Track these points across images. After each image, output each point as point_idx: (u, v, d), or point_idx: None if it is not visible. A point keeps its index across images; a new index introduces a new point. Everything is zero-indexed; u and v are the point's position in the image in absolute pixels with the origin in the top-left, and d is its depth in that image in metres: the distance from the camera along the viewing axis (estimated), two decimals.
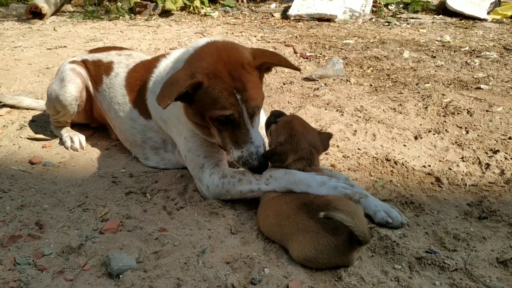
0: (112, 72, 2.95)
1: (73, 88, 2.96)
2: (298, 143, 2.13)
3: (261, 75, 2.25)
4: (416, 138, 3.07)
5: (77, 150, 3.01)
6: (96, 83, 3.02)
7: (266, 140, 2.32)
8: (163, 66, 2.61)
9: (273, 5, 8.49)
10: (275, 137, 2.20)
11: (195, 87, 2.07)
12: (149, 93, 2.64)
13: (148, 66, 2.78)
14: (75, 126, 3.24)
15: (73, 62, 3.10)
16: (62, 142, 3.10)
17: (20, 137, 3.16)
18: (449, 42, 5.80)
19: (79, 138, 3.09)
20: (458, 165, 2.66)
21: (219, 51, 2.14)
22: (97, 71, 3.03)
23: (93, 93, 3.05)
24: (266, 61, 2.20)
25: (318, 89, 4.10)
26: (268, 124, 2.32)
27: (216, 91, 2.06)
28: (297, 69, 2.37)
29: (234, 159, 2.18)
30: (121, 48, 3.30)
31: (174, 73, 2.14)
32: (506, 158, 2.70)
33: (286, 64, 2.26)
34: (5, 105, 3.62)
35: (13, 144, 3.05)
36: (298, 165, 2.13)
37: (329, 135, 2.29)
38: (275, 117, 2.29)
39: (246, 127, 2.12)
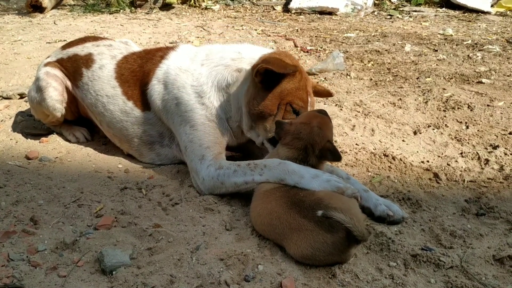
0: (94, 64, 2.87)
1: (53, 92, 2.89)
2: (300, 131, 2.10)
3: None
4: (415, 133, 3.04)
5: (85, 142, 3.05)
6: (75, 79, 2.94)
7: None
8: (179, 57, 2.65)
9: None
10: (297, 119, 2.26)
11: (286, 73, 2.29)
12: (155, 81, 2.62)
13: (147, 57, 2.76)
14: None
15: (47, 64, 3.01)
16: (63, 137, 3.11)
17: (17, 131, 3.15)
18: (451, 35, 5.75)
19: (81, 132, 3.09)
20: (457, 161, 2.64)
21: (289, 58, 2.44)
22: (75, 66, 2.94)
23: (73, 91, 2.98)
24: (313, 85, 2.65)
25: (317, 83, 4.06)
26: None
27: (303, 85, 2.38)
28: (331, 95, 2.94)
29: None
30: (96, 38, 3.17)
31: (280, 58, 2.33)
32: (505, 154, 2.68)
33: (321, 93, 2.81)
34: (3, 99, 3.62)
35: (10, 139, 3.04)
36: (291, 153, 2.11)
37: (335, 154, 2.10)
38: (318, 111, 2.29)
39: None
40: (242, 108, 2.43)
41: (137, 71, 2.74)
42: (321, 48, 5.26)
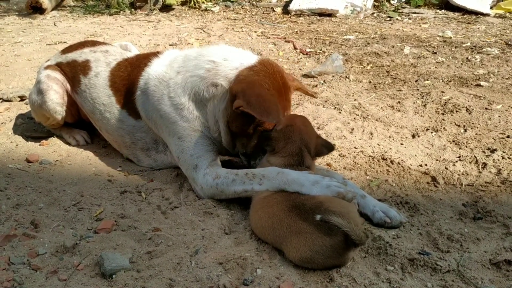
0: (90, 72, 2.86)
1: (54, 95, 2.90)
2: (291, 134, 2.13)
3: None
4: (413, 136, 3.06)
5: (85, 145, 3.06)
6: (74, 85, 2.95)
7: None
8: (159, 66, 2.57)
9: (274, 0, 8.45)
10: (277, 127, 2.22)
11: None
12: (139, 92, 2.59)
13: (135, 64, 2.73)
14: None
15: (47, 67, 3.02)
16: (63, 140, 3.12)
17: (18, 134, 3.17)
18: (450, 37, 5.76)
19: (81, 134, 3.11)
20: (454, 164, 2.65)
21: (273, 67, 2.33)
22: (73, 72, 2.94)
23: (73, 95, 2.99)
24: (296, 88, 2.54)
25: (316, 86, 4.09)
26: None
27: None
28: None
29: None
30: (94, 43, 3.16)
31: (261, 87, 2.19)
32: (503, 158, 2.69)
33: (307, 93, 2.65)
34: (3, 101, 3.63)
35: (11, 142, 3.05)
36: (287, 160, 2.13)
37: (329, 146, 2.22)
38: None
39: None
40: (219, 123, 2.37)
41: (126, 79, 2.71)
42: (321, 50, 5.27)
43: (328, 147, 2.22)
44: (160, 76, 2.51)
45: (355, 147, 2.90)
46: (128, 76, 2.71)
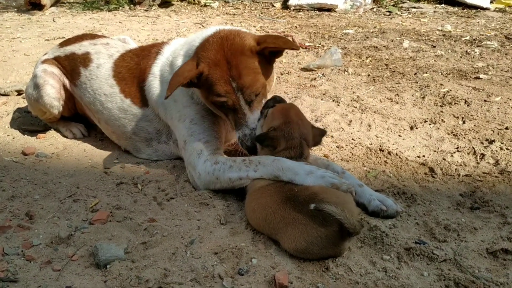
0: (91, 64, 2.89)
1: (50, 90, 2.91)
2: (290, 131, 2.11)
3: (267, 60, 2.33)
4: (411, 128, 3.04)
5: (81, 138, 3.06)
6: (73, 78, 2.96)
7: None
8: (170, 52, 2.64)
9: None
10: (270, 120, 2.18)
11: (198, 76, 2.24)
12: (151, 78, 2.64)
13: (143, 54, 2.77)
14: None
15: (44, 61, 3.03)
16: (60, 134, 3.12)
17: (15, 128, 3.16)
18: (450, 31, 5.74)
19: (78, 128, 3.11)
20: (452, 156, 2.64)
21: (222, 39, 2.27)
22: (72, 65, 2.96)
23: (71, 89, 3.00)
24: (267, 46, 2.26)
25: (315, 79, 4.07)
26: (265, 107, 2.30)
27: (213, 79, 2.23)
28: (296, 48, 2.44)
29: (238, 139, 2.34)
30: (93, 36, 3.18)
31: (183, 64, 2.33)
32: (501, 148, 2.68)
33: (286, 45, 2.34)
34: (1, 95, 3.63)
35: (7, 135, 3.05)
36: (288, 153, 2.11)
37: (323, 132, 2.26)
38: (274, 101, 2.27)
39: (243, 112, 2.27)
40: None
41: (134, 69, 2.75)
42: (320, 44, 5.25)
43: (322, 134, 2.23)
44: (174, 62, 2.55)
45: (352, 139, 2.89)
46: (136, 66, 2.75)
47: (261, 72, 2.28)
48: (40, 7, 7.39)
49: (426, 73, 4.13)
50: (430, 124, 3.07)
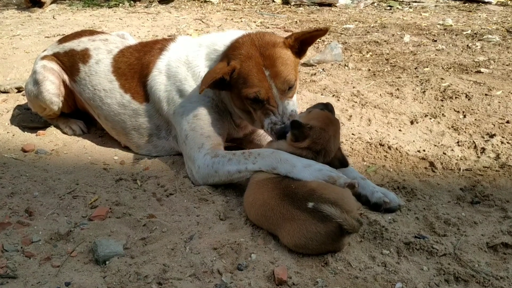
0: (91, 60, 2.89)
1: (50, 86, 2.91)
2: (320, 138, 2.08)
3: (298, 54, 2.38)
4: (412, 122, 3.03)
5: (81, 135, 3.06)
6: (72, 74, 2.95)
7: None
8: (179, 49, 2.64)
9: None
10: (311, 118, 2.15)
11: (231, 73, 2.26)
12: (155, 73, 2.63)
13: (145, 50, 2.77)
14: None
15: (44, 58, 3.02)
16: (60, 130, 3.11)
17: (15, 125, 3.16)
18: (451, 25, 5.71)
19: (78, 124, 3.10)
20: (453, 150, 2.63)
21: (252, 39, 2.31)
22: (72, 61, 2.96)
23: (70, 85, 2.99)
24: (297, 37, 2.32)
25: (315, 74, 4.06)
26: (314, 106, 2.31)
27: (247, 70, 2.24)
28: (324, 30, 2.39)
29: (265, 129, 2.30)
30: (92, 32, 3.17)
31: (216, 65, 2.35)
32: (502, 142, 2.66)
33: (315, 31, 2.36)
34: (1, 93, 3.63)
35: (7, 132, 3.05)
36: (299, 152, 2.10)
37: (343, 162, 2.18)
38: (325, 107, 2.26)
39: (274, 101, 2.25)
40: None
41: (135, 64, 2.75)
42: (320, 39, 5.23)
43: (342, 163, 2.17)
44: (183, 58, 2.57)
45: (352, 134, 2.88)
46: (137, 61, 2.75)
47: (293, 65, 2.31)
48: (40, 4, 7.40)
49: (427, 67, 4.11)
50: (430, 119, 3.06)
